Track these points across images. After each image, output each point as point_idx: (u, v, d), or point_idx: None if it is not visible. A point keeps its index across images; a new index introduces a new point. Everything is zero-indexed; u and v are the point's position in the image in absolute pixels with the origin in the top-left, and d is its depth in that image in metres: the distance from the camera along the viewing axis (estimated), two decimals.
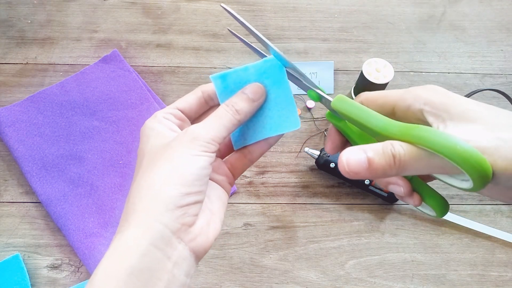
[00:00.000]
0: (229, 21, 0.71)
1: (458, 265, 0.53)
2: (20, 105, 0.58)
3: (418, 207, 0.31)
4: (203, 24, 0.70)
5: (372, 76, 0.58)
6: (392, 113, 0.29)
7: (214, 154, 0.28)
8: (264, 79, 0.31)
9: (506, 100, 0.61)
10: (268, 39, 0.31)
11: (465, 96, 0.52)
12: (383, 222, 0.56)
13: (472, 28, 0.73)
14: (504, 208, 0.57)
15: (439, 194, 0.29)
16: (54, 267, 0.51)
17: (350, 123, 0.30)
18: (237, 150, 0.34)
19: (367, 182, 0.54)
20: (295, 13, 0.73)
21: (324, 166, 0.56)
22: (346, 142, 0.32)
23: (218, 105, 0.32)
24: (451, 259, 0.54)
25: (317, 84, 0.34)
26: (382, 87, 0.60)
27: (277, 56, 0.31)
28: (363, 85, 0.60)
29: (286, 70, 0.31)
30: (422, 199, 0.29)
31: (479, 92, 0.64)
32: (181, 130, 0.31)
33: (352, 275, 0.52)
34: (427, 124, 0.25)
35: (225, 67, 0.66)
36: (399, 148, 0.24)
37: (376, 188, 0.55)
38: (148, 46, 0.67)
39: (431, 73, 0.68)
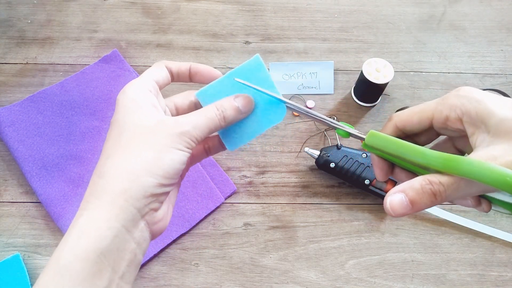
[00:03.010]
0: (229, 21, 0.71)
1: (458, 265, 0.53)
2: (20, 105, 0.58)
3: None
4: (203, 24, 0.70)
5: (372, 76, 0.58)
6: (430, 127, 0.30)
7: (191, 150, 0.30)
8: (262, 104, 0.33)
9: None
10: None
11: None
12: (383, 222, 0.56)
13: (472, 28, 0.73)
14: None
15: None
16: None
17: (387, 155, 0.31)
18: (199, 143, 0.35)
19: (367, 182, 0.54)
20: (295, 13, 0.73)
21: (324, 166, 0.56)
22: (392, 164, 0.33)
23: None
24: (451, 259, 0.54)
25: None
26: (382, 87, 0.60)
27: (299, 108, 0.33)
28: (363, 85, 0.60)
29: (311, 113, 0.34)
30: (492, 202, 0.29)
31: None
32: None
33: (352, 275, 0.52)
34: (465, 133, 0.27)
35: (225, 67, 0.66)
36: (438, 186, 0.25)
37: (376, 188, 0.55)
38: (148, 46, 0.67)
39: (431, 73, 0.68)
